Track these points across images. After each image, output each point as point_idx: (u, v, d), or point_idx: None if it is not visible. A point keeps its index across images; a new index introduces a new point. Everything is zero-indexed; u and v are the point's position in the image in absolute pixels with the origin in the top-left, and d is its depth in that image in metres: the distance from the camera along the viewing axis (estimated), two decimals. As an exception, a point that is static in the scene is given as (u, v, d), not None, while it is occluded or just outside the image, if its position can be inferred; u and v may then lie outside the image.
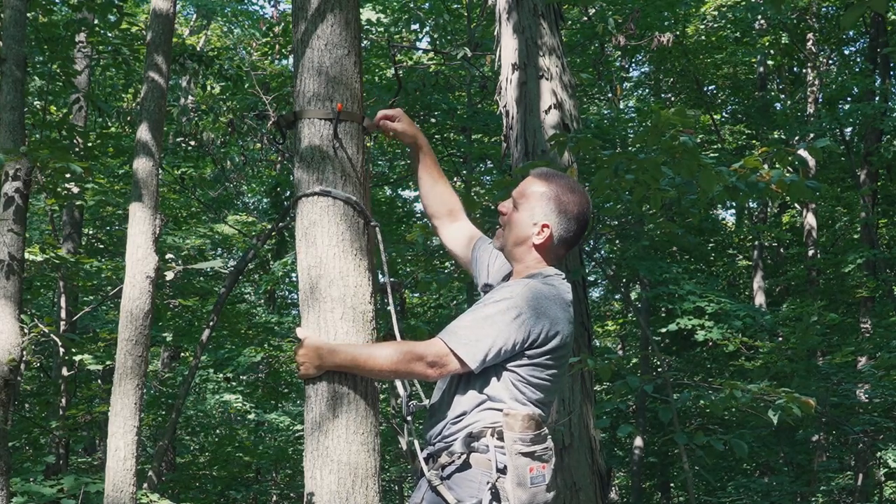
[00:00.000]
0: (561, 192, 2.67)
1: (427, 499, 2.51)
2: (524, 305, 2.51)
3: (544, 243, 2.65)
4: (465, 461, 2.48)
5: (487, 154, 12.46)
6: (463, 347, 2.49)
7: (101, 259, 10.99)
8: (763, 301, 13.81)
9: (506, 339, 2.48)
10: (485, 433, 2.48)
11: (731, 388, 5.44)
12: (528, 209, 2.67)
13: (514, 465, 2.42)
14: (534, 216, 2.65)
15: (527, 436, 2.43)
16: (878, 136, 13.25)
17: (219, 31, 16.74)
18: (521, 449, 2.42)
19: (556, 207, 2.65)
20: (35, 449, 9.49)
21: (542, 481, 2.44)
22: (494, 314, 2.51)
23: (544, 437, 2.48)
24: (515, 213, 2.69)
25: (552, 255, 2.68)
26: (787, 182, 4.92)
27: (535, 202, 2.66)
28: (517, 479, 2.41)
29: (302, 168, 2.85)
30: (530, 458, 2.43)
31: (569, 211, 2.66)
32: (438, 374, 2.51)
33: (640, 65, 15.78)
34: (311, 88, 2.88)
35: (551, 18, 7.17)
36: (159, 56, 4.28)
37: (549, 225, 2.64)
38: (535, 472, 2.43)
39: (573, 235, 2.68)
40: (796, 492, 11.29)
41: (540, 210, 2.65)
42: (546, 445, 2.47)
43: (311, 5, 2.94)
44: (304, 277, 2.78)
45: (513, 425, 2.44)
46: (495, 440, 2.46)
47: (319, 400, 2.67)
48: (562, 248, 2.70)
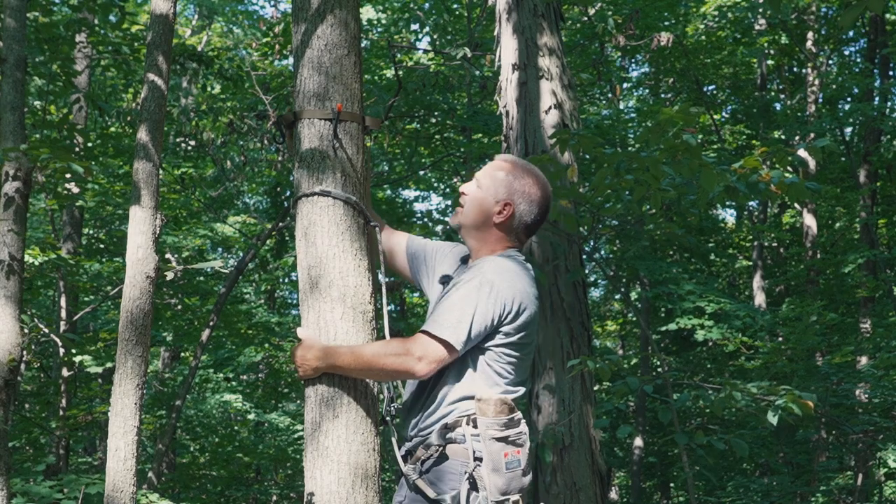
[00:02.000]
0: (524, 176, 2.72)
1: (409, 497, 2.52)
2: (495, 278, 2.54)
3: (505, 222, 2.68)
4: (442, 453, 2.48)
5: (487, 154, 12.45)
6: (447, 332, 2.50)
7: (101, 259, 10.99)
8: (763, 301, 13.81)
9: (484, 313, 2.50)
10: (460, 423, 2.49)
11: (730, 387, 5.44)
12: (491, 188, 2.70)
13: (489, 451, 2.42)
14: (497, 195, 2.69)
15: (500, 420, 2.43)
16: (878, 135, 13.25)
17: (219, 31, 16.74)
18: (494, 434, 2.42)
19: (519, 189, 2.69)
20: (35, 449, 9.50)
21: (518, 466, 2.44)
22: (468, 293, 2.53)
23: (517, 421, 2.47)
24: (479, 191, 2.72)
25: (513, 236, 2.71)
26: (787, 183, 4.92)
27: (498, 182, 2.70)
28: (492, 464, 2.41)
29: (302, 168, 2.85)
30: (504, 443, 2.43)
31: (531, 194, 2.70)
32: (428, 368, 2.51)
33: (639, 65, 15.78)
34: (310, 88, 2.88)
35: (551, 18, 7.17)
36: (159, 57, 4.28)
37: (512, 204, 2.68)
38: (509, 458, 2.42)
39: (534, 220, 2.72)
40: (796, 492, 11.29)
41: (504, 190, 2.69)
42: (520, 430, 2.46)
43: (311, 5, 2.94)
44: (304, 277, 2.78)
45: (486, 410, 2.44)
46: (471, 428, 2.47)
47: (319, 400, 2.68)
48: (523, 233, 2.73)
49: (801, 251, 14.33)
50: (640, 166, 5.18)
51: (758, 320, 10.44)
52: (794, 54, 14.46)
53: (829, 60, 15.10)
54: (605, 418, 7.32)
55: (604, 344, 19.59)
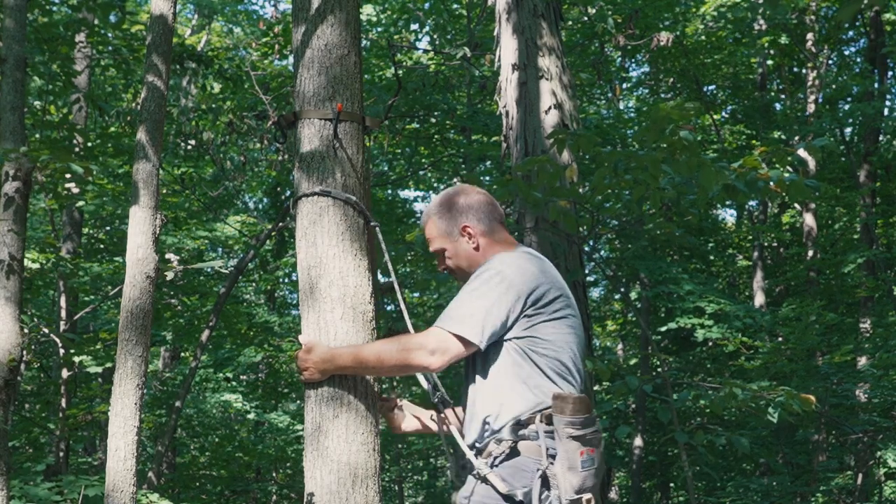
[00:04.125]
0: (442, 202, 2.77)
1: (478, 491, 2.48)
2: (504, 269, 2.55)
3: (478, 239, 2.71)
4: (514, 449, 2.47)
5: (487, 154, 12.46)
6: (459, 326, 2.50)
7: (101, 259, 10.99)
8: (763, 301, 13.81)
9: (499, 305, 2.50)
10: (533, 419, 2.47)
11: (730, 386, 5.44)
12: (445, 237, 2.75)
13: (565, 450, 2.40)
14: (452, 234, 2.73)
15: (577, 419, 2.40)
16: (878, 135, 13.25)
17: (219, 31, 16.73)
18: (571, 433, 2.40)
19: (452, 212, 2.74)
20: (35, 449, 9.48)
21: (592, 465, 2.42)
22: (479, 286, 2.55)
23: (593, 419, 2.44)
24: (447, 251, 2.75)
25: (495, 240, 2.73)
26: (787, 181, 4.92)
27: (441, 228, 2.75)
28: (568, 462, 2.39)
29: (302, 168, 2.86)
30: (580, 442, 2.41)
31: (462, 204, 2.74)
32: (441, 361, 2.52)
33: (639, 65, 15.77)
34: (311, 88, 2.88)
35: (551, 18, 7.16)
36: (159, 57, 4.28)
37: (466, 225, 2.72)
38: (584, 456, 2.40)
39: (490, 211, 2.75)
40: (796, 492, 11.28)
41: (448, 226, 2.74)
42: (595, 429, 2.44)
43: (311, 5, 2.94)
44: (304, 277, 2.78)
45: (563, 408, 2.41)
46: (544, 425, 2.45)
47: (319, 400, 2.68)
48: (497, 230, 2.74)
49: (801, 251, 14.33)
50: (638, 165, 5.18)
51: (758, 320, 10.44)
52: (794, 54, 14.46)
53: (828, 60, 15.10)
54: (605, 418, 7.33)
55: (604, 344, 19.59)
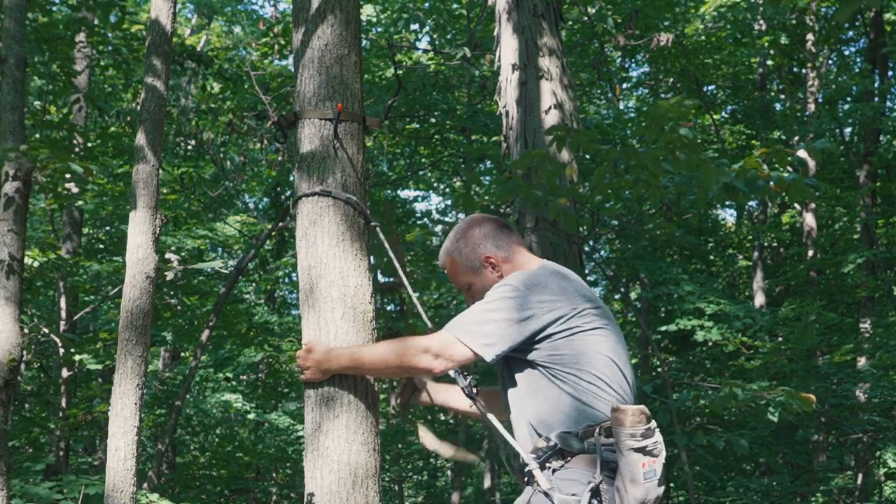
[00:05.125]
0: (457, 238, 2.75)
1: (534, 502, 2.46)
2: (520, 285, 2.54)
3: (502, 266, 2.70)
4: (570, 460, 2.45)
5: (487, 154, 12.46)
6: (467, 335, 2.49)
7: (101, 259, 10.98)
8: (763, 301, 13.81)
9: (510, 319, 2.48)
10: (591, 432, 2.45)
11: (730, 386, 5.44)
12: (469, 272, 2.73)
13: (626, 462, 2.37)
14: (475, 268, 2.71)
15: (637, 430, 2.38)
16: (878, 135, 13.25)
17: (218, 31, 16.73)
18: (633, 445, 2.37)
19: (470, 246, 2.72)
20: (35, 449, 9.48)
21: (654, 476, 2.39)
22: (493, 300, 2.53)
23: (653, 430, 2.42)
24: (473, 287, 2.73)
25: (516, 263, 2.72)
26: (787, 181, 4.92)
27: (463, 264, 2.73)
28: (630, 475, 2.37)
29: (302, 168, 2.85)
30: (642, 454, 2.38)
31: (476, 235, 2.73)
32: (443, 365, 2.51)
33: (640, 65, 15.77)
34: (311, 88, 2.88)
35: (551, 19, 7.16)
36: (159, 58, 4.28)
37: (487, 255, 2.71)
38: (646, 468, 2.38)
39: (506, 235, 2.74)
40: (796, 492, 11.28)
41: (469, 260, 2.72)
42: (656, 440, 2.41)
43: (311, 5, 2.94)
44: (304, 277, 2.78)
45: (623, 420, 2.38)
46: (603, 438, 2.43)
47: (319, 400, 2.68)
48: (516, 251, 2.74)
49: (801, 251, 14.32)
50: (638, 163, 5.17)
51: (758, 320, 10.44)
52: (794, 54, 14.46)
53: (828, 61, 15.10)
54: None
55: (604, 344, 19.50)
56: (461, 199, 12.80)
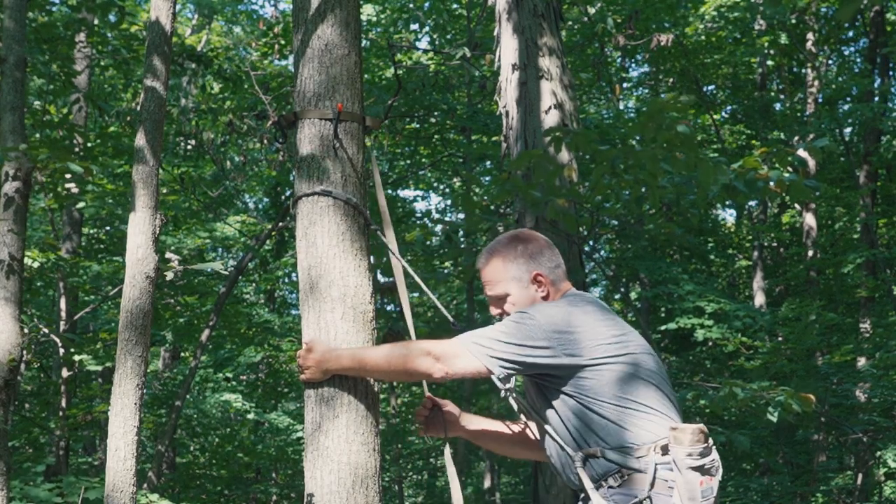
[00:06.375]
0: (512, 244, 2.66)
1: None
2: (544, 315, 2.49)
3: (549, 287, 2.64)
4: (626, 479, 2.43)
5: (487, 154, 12.46)
6: (477, 346, 2.47)
7: (100, 259, 10.98)
8: (763, 301, 13.81)
9: (524, 342, 2.45)
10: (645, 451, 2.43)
11: (730, 386, 5.44)
12: (513, 282, 2.64)
13: (685, 481, 2.37)
14: (521, 280, 2.63)
15: (696, 449, 2.37)
16: (878, 136, 13.25)
17: (219, 31, 16.73)
18: (691, 463, 2.36)
19: (523, 258, 2.64)
20: (35, 449, 9.48)
21: (711, 494, 2.39)
22: (508, 322, 2.50)
23: (710, 449, 2.41)
24: (510, 297, 2.64)
25: (560, 290, 2.66)
26: (787, 181, 4.93)
27: (510, 272, 2.64)
28: (688, 494, 2.36)
29: (302, 168, 2.85)
30: (700, 472, 2.37)
31: (532, 249, 2.65)
32: (445, 371, 2.48)
33: (639, 65, 15.77)
34: (311, 88, 2.88)
35: (551, 19, 7.17)
36: (158, 58, 4.28)
37: (539, 273, 2.63)
38: (704, 486, 2.37)
39: (557, 259, 2.68)
40: (796, 492, 11.28)
41: (518, 271, 2.63)
42: (713, 458, 2.41)
43: (311, 5, 2.94)
44: (304, 277, 2.78)
45: (681, 439, 2.38)
46: (658, 456, 2.42)
47: (319, 400, 2.67)
48: (561, 279, 2.67)
49: (801, 251, 14.33)
50: (636, 163, 5.17)
51: (758, 320, 10.44)
52: (793, 54, 14.46)
53: (828, 61, 15.10)
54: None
55: (604, 344, 19.49)
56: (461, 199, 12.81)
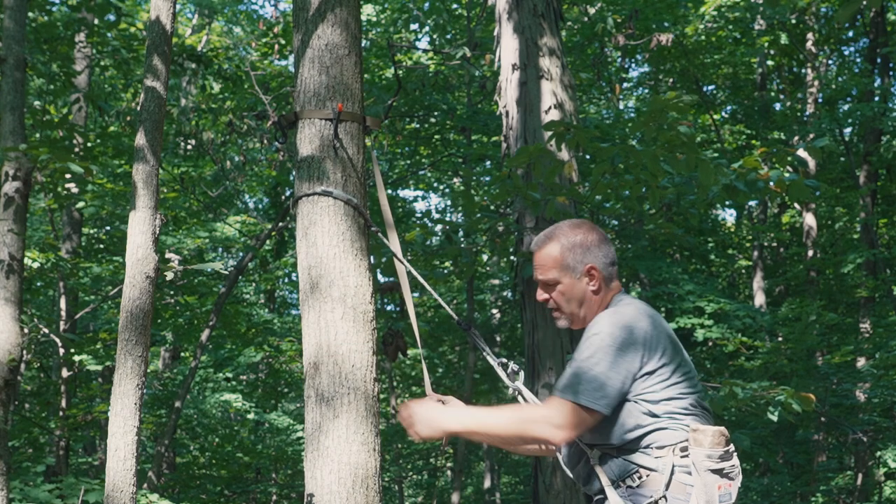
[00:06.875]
0: (570, 235, 2.61)
1: None
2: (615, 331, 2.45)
3: (600, 283, 2.59)
4: (645, 479, 2.42)
5: (487, 154, 12.46)
6: (583, 396, 2.40)
7: (100, 259, 10.98)
8: (763, 301, 13.81)
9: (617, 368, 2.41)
10: (665, 452, 2.41)
11: (730, 386, 5.44)
12: (566, 271, 2.59)
13: (703, 483, 2.35)
14: (574, 270, 2.58)
15: (716, 452, 2.35)
16: (878, 136, 13.25)
17: (219, 31, 16.74)
18: (710, 466, 2.35)
19: (580, 248, 2.59)
20: (35, 449, 9.49)
21: (729, 499, 2.37)
22: (594, 352, 2.44)
23: (731, 453, 2.40)
24: (560, 286, 2.60)
25: (610, 287, 2.62)
26: (787, 181, 4.93)
27: (566, 260, 2.58)
28: (706, 497, 2.35)
29: (302, 168, 2.85)
30: (719, 476, 2.35)
31: (590, 241, 2.60)
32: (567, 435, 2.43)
33: (639, 65, 15.77)
34: (311, 89, 2.88)
35: (551, 19, 7.17)
36: (158, 58, 4.28)
37: (593, 265, 2.58)
38: (722, 490, 2.35)
39: (613, 255, 2.64)
40: (796, 491, 11.29)
41: (573, 260, 2.58)
42: (733, 463, 2.39)
43: (311, 5, 2.94)
44: (305, 277, 2.78)
45: (701, 441, 2.36)
46: (677, 458, 2.40)
47: (320, 400, 2.67)
48: (614, 276, 2.64)
49: (801, 251, 14.33)
50: (636, 162, 5.17)
51: (758, 320, 10.44)
52: (793, 54, 14.47)
53: (828, 61, 15.10)
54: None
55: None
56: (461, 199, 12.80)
